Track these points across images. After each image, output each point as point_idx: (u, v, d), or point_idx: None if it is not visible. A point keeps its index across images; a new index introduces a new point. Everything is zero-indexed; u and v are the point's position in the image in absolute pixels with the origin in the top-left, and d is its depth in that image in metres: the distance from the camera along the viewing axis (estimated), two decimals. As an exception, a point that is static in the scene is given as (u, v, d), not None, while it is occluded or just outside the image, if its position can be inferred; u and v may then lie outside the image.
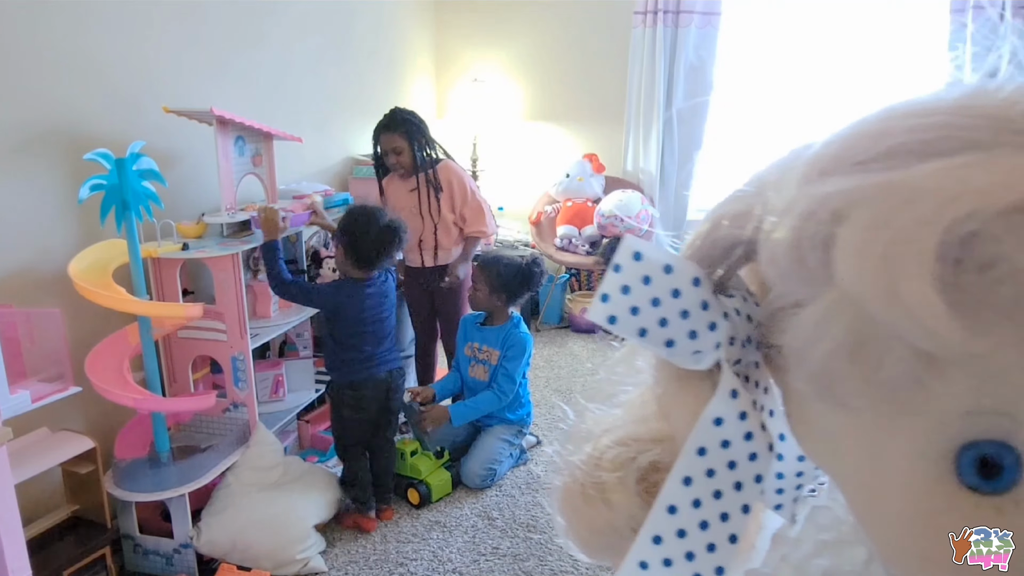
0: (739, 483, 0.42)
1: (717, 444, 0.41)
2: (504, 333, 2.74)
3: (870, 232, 0.30)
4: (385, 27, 4.03)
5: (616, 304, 0.40)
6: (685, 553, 0.42)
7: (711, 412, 0.41)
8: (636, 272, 0.40)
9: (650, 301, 0.40)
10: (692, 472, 0.42)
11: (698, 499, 0.42)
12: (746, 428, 0.41)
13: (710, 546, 0.42)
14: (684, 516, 0.42)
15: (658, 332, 0.40)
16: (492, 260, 2.74)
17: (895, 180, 0.30)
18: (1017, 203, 0.26)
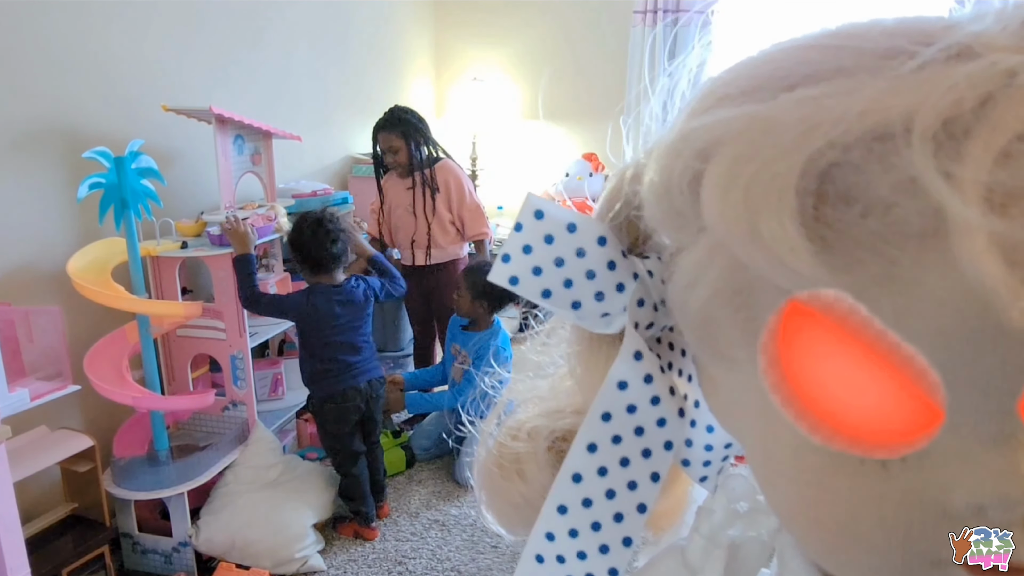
0: (647, 450, 0.40)
1: (622, 409, 0.39)
2: (481, 342, 2.76)
3: (731, 169, 0.28)
4: (384, 26, 4.02)
5: (518, 264, 0.39)
6: (591, 523, 0.41)
7: (614, 375, 0.39)
8: (538, 231, 0.39)
9: (553, 261, 0.38)
10: (597, 438, 0.40)
11: (604, 467, 0.40)
12: (652, 392, 0.39)
13: (617, 516, 0.41)
14: (590, 485, 0.40)
15: (563, 293, 0.38)
16: (475, 267, 2.76)
17: (758, 112, 0.28)
18: (875, 130, 0.25)
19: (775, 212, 0.26)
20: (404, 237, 2.98)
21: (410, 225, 2.91)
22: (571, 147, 4.52)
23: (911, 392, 0.23)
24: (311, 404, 2.37)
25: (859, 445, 0.25)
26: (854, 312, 0.24)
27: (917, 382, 0.23)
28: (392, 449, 2.67)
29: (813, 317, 0.25)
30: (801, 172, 0.26)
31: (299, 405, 2.61)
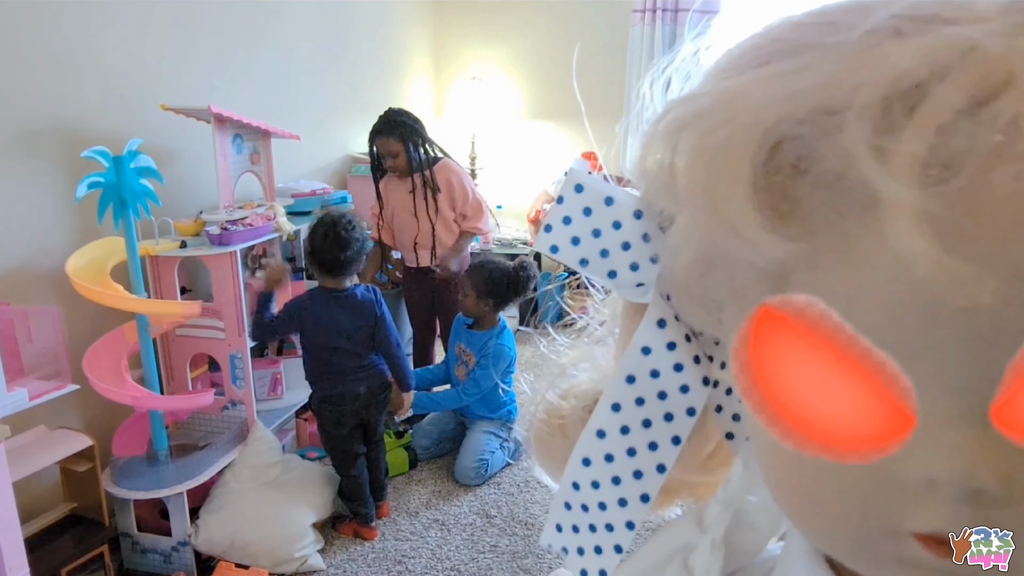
0: (669, 414, 0.41)
1: (646, 373, 0.41)
2: (485, 340, 2.77)
3: (697, 143, 0.29)
4: (383, 25, 4.02)
5: (558, 234, 0.41)
6: (612, 477, 0.44)
7: (638, 340, 0.41)
8: (577, 203, 0.41)
9: (591, 232, 0.41)
10: (621, 399, 0.42)
11: (626, 426, 0.42)
12: (676, 359, 0.40)
13: (636, 472, 0.43)
14: (612, 441, 0.43)
15: (599, 262, 0.41)
16: (480, 266, 2.77)
17: (727, 88, 0.30)
18: (824, 105, 0.25)
19: (730, 183, 0.27)
20: (407, 239, 2.98)
21: (412, 227, 2.92)
22: (570, 146, 4.52)
23: (882, 398, 0.24)
24: (311, 402, 2.37)
25: (831, 451, 0.25)
26: (825, 318, 0.24)
27: (888, 388, 0.24)
28: (395, 450, 2.67)
29: (784, 323, 0.25)
30: (756, 145, 0.27)
31: (298, 405, 2.61)
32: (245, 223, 2.23)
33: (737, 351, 0.26)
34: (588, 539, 0.47)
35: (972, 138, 0.23)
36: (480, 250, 3.54)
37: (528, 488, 2.59)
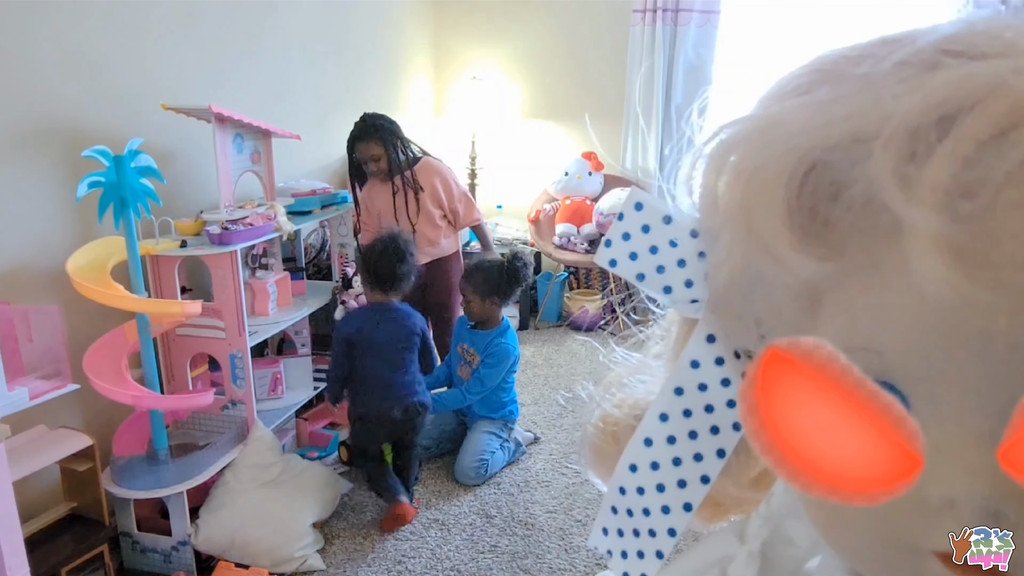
0: (715, 427, 0.42)
1: (694, 386, 0.42)
2: (489, 340, 2.78)
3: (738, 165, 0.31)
4: (383, 24, 4.02)
5: (617, 249, 0.43)
6: (656, 484, 0.45)
7: (688, 354, 0.42)
8: (637, 221, 0.43)
9: (648, 248, 0.42)
10: (669, 409, 0.43)
11: (672, 436, 0.44)
12: (723, 374, 0.41)
13: (681, 482, 0.44)
14: (658, 450, 0.44)
15: (656, 278, 0.42)
16: (473, 269, 2.78)
17: (767, 115, 0.31)
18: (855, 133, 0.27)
19: (765, 205, 0.29)
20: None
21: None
22: (570, 146, 4.52)
23: (889, 439, 0.24)
24: (348, 414, 2.46)
25: (838, 493, 0.25)
26: (833, 360, 0.25)
27: (896, 430, 0.24)
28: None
29: (792, 365, 0.25)
30: (791, 170, 0.28)
31: (298, 404, 2.61)
32: (245, 223, 2.23)
33: (745, 393, 0.26)
34: (632, 543, 0.48)
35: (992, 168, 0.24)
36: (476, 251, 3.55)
37: (528, 488, 2.59)
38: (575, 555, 2.21)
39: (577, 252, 4.20)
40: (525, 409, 3.13)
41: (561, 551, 2.23)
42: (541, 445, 2.89)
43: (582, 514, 2.42)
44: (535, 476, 2.67)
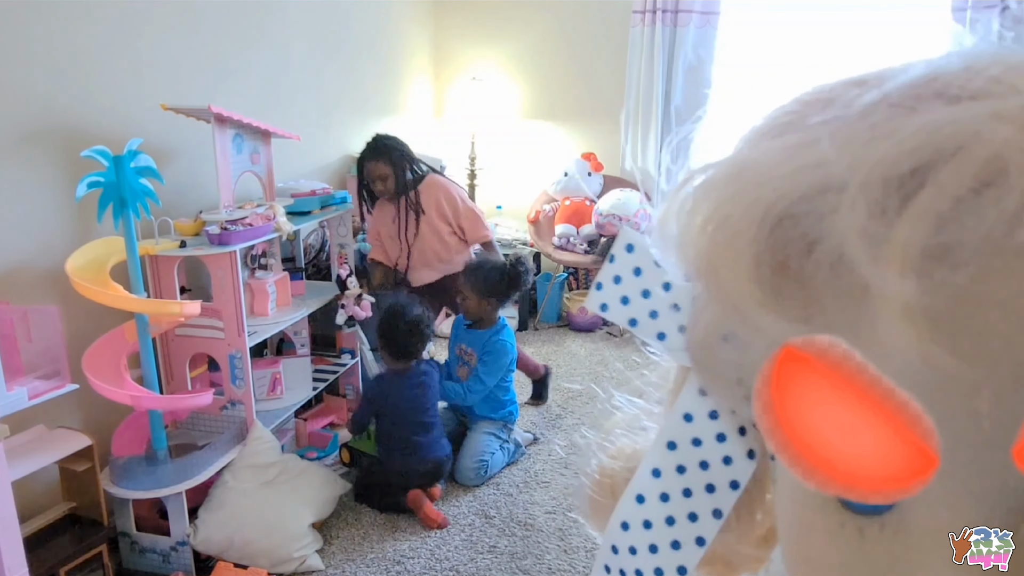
0: (711, 485, 0.40)
1: (687, 441, 0.40)
2: (485, 339, 2.79)
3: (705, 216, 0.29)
4: (383, 25, 4.02)
5: (608, 293, 0.41)
6: (649, 545, 0.43)
7: (680, 406, 0.40)
8: (628, 263, 0.41)
9: (640, 292, 0.40)
10: (661, 465, 0.41)
11: (666, 493, 0.41)
12: (718, 428, 0.39)
13: (674, 543, 0.42)
14: (651, 507, 0.42)
15: (649, 324, 0.40)
16: (475, 268, 2.80)
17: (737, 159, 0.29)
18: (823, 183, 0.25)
19: (732, 260, 0.27)
20: (396, 261, 3.05)
21: (395, 251, 3.01)
22: (570, 147, 4.52)
23: (905, 438, 0.23)
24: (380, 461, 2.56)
25: (853, 490, 0.25)
26: (848, 358, 0.24)
27: (911, 428, 0.23)
28: None
29: (807, 363, 0.25)
30: (758, 223, 0.27)
31: (297, 405, 2.61)
32: (245, 223, 2.23)
33: (760, 391, 0.26)
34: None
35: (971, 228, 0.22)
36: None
37: (527, 489, 2.59)
38: (574, 555, 2.21)
39: (576, 253, 4.20)
40: (524, 410, 3.12)
41: (560, 551, 2.23)
42: (540, 446, 2.89)
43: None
44: (534, 476, 2.67)
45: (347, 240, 2.93)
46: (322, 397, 2.99)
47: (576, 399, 3.30)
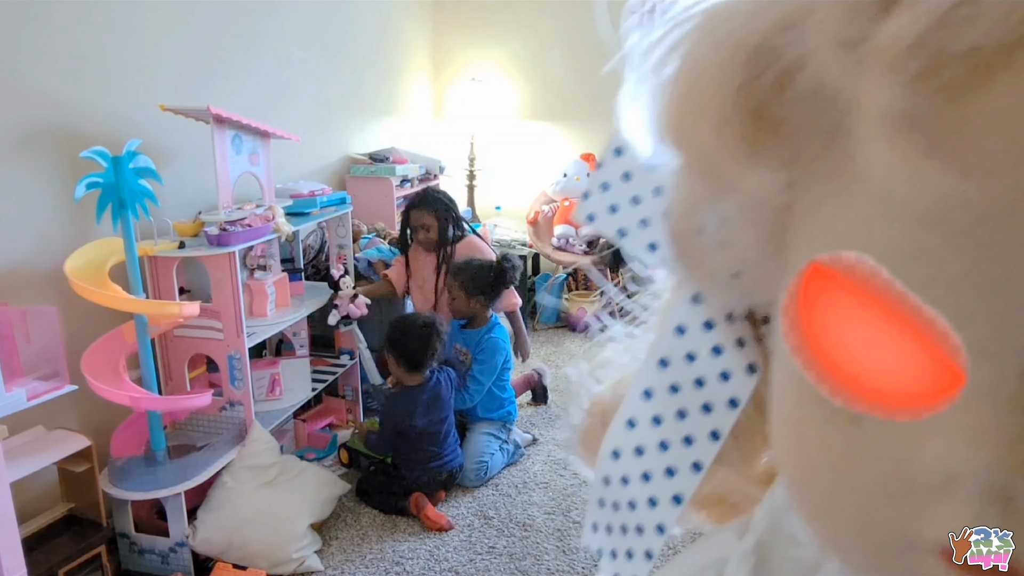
0: (707, 404, 0.37)
1: (681, 356, 0.36)
2: (478, 338, 2.81)
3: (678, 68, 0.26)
4: (382, 26, 4.02)
5: (596, 202, 0.38)
6: (642, 473, 0.39)
7: (671, 318, 0.36)
8: (617, 168, 0.37)
9: (630, 199, 0.37)
10: (653, 385, 0.38)
11: (658, 416, 0.38)
12: (714, 340, 0.35)
13: (669, 470, 0.38)
14: (643, 432, 0.39)
15: (638, 234, 0.37)
16: (462, 267, 2.81)
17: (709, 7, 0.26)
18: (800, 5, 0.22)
19: (700, 109, 0.25)
20: (425, 309, 3.05)
21: (430, 300, 3.02)
22: (569, 147, 4.52)
23: (933, 355, 0.22)
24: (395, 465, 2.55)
25: (881, 408, 0.23)
26: (875, 275, 0.22)
27: (939, 344, 0.22)
28: None
29: (834, 279, 0.23)
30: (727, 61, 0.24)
31: (296, 405, 2.61)
32: (244, 224, 2.23)
33: (787, 308, 0.25)
34: (620, 541, 0.42)
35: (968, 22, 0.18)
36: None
37: (526, 490, 2.59)
38: (573, 556, 2.21)
39: (575, 253, 4.20)
40: (523, 410, 3.13)
41: (559, 552, 2.23)
42: (539, 446, 2.89)
43: (580, 515, 2.42)
44: (533, 477, 2.67)
45: (346, 241, 2.93)
46: (321, 398, 2.99)
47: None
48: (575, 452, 0.48)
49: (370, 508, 2.46)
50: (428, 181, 4.00)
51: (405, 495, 2.42)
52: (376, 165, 3.62)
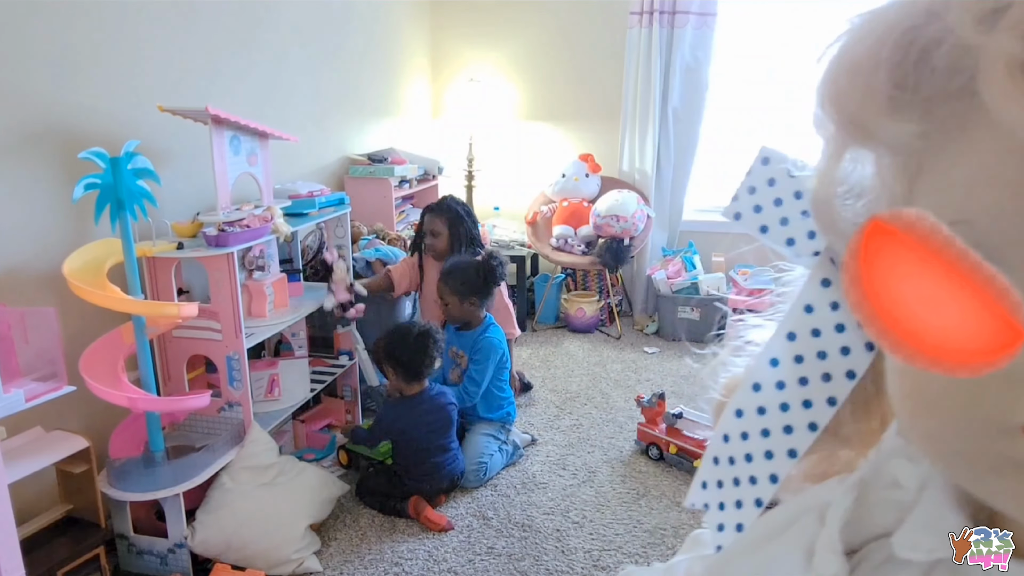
0: (827, 374, 0.42)
1: (807, 331, 0.42)
2: (474, 339, 2.81)
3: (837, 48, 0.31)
4: (381, 26, 4.02)
5: (742, 203, 0.44)
6: (762, 429, 0.45)
7: (802, 299, 0.42)
8: (763, 175, 0.43)
9: (773, 201, 0.43)
10: (779, 355, 0.43)
11: (782, 381, 0.43)
12: (838, 319, 0.41)
13: (787, 427, 0.44)
14: (766, 395, 0.44)
15: (779, 230, 0.43)
16: (451, 271, 2.81)
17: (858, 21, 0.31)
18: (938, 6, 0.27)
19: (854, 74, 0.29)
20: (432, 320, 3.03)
21: (432, 314, 3.02)
22: (568, 148, 4.52)
23: (992, 311, 0.23)
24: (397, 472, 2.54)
25: (941, 364, 0.25)
26: (936, 231, 0.24)
27: (999, 301, 0.23)
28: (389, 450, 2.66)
29: (895, 236, 0.25)
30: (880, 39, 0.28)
31: (295, 406, 2.61)
32: (242, 224, 2.22)
33: (848, 264, 0.26)
34: (731, 493, 0.48)
35: None
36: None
37: (525, 490, 2.59)
38: (572, 556, 2.21)
39: (574, 254, 4.20)
40: (522, 411, 3.13)
41: (558, 553, 2.23)
42: (538, 447, 2.89)
43: (579, 516, 2.42)
44: (532, 478, 2.67)
45: (345, 242, 2.93)
46: (320, 399, 2.99)
47: (574, 400, 3.30)
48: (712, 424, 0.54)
49: (369, 509, 2.46)
50: (427, 182, 4.00)
51: (404, 498, 2.42)
52: (375, 166, 3.62)
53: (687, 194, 4.40)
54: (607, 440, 2.93)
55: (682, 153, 4.30)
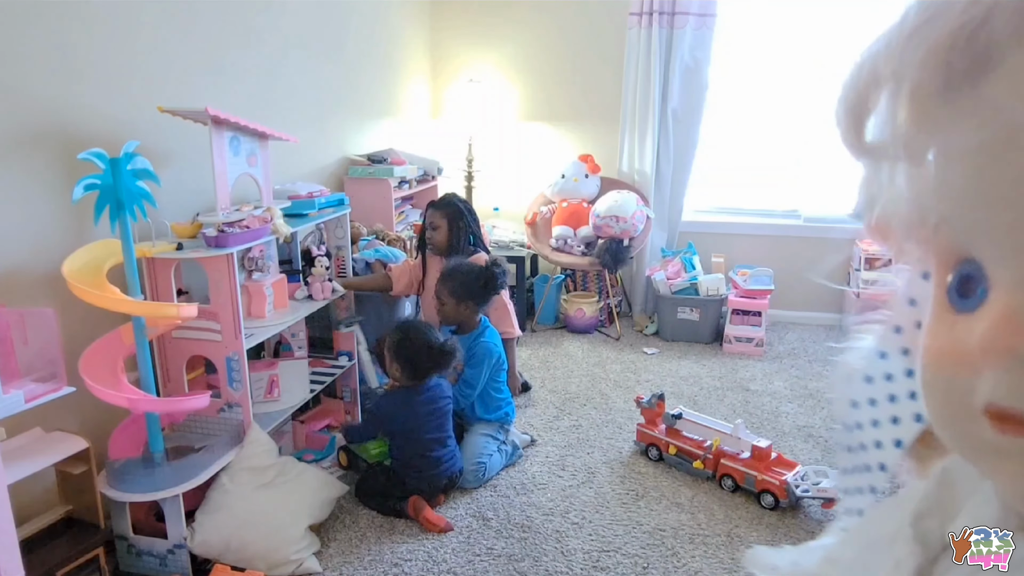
0: (896, 417, 0.46)
1: (912, 325, 0.44)
2: (469, 342, 2.82)
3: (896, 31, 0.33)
4: (381, 27, 4.02)
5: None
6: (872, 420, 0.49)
7: (904, 293, 0.44)
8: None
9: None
10: (888, 347, 0.46)
11: (890, 373, 0.47)
12: (908, 365, 0.44)
13: (894, 418, 0.47)
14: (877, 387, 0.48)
15: None
16: (451, 272, 2.82)
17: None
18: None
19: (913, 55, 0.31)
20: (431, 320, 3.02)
21: (433, 313, 3.00)
22: (567, 148, 4.52)
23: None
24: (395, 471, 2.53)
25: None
26: None
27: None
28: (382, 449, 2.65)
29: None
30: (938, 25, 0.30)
31: (295, 407, 2.61)
32: (242, 225, 2.22)
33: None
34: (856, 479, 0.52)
35: None
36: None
37: (525, 491, 2.59)
38: (571, 557, 2.21)
39: (574, 255, 4.20)
40: (521, 412, 3.13)
41: (558, 553, 2.23)
42: (537, 448, 2.89)
43: (578, 516, 2.42)
44: (531, 479, 2.67)
45: (344, 243, 2.93)
46: (319, 399, 2.98)
47: (573, 401, 3.30)
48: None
49: (368, 510, 2.46)
50: (426, 182, 4.00)
51: (403, 498, 2.42)
52: (374, 166, 3.62)
53: (686, 195, 4.40)
54: (606, 441, 2.94)
55: (681, 154, 4.30)
